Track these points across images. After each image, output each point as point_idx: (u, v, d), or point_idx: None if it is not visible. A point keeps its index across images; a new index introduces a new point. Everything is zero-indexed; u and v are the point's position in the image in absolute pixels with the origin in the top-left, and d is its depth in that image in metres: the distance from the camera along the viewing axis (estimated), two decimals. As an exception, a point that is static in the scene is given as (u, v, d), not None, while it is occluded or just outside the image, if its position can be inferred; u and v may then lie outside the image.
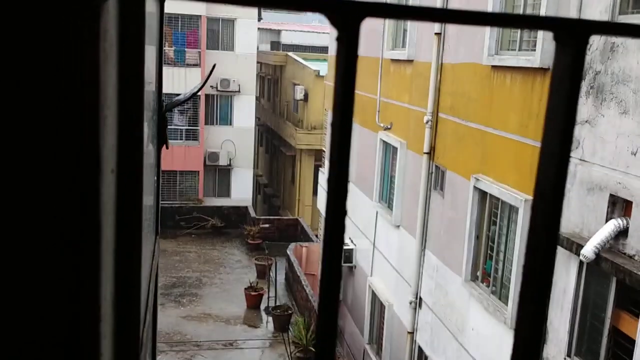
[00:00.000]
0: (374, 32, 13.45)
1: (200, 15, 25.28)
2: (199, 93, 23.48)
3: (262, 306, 17.62)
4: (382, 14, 0.50)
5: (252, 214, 24.72)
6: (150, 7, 1.50)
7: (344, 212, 0.51)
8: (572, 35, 0.51)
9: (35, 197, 0.60)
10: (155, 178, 1.89)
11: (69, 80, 0.57)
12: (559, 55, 0.52)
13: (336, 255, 0.51)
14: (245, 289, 17.80)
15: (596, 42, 6.51)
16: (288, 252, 19.31)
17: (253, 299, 17.54)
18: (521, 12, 8.26)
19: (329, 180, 0.51)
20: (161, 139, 1.95)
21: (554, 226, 0.54)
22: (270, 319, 16.81)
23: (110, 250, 0.75)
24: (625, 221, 6.03)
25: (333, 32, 0.50)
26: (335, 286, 0.52)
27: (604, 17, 6.44)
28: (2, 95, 0.56)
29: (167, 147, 2.06)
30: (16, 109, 0.57)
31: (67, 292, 0.62)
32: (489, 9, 8.69)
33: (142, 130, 0.98)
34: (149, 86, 1.49)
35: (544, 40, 7.36)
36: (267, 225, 23.11)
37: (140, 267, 0.97)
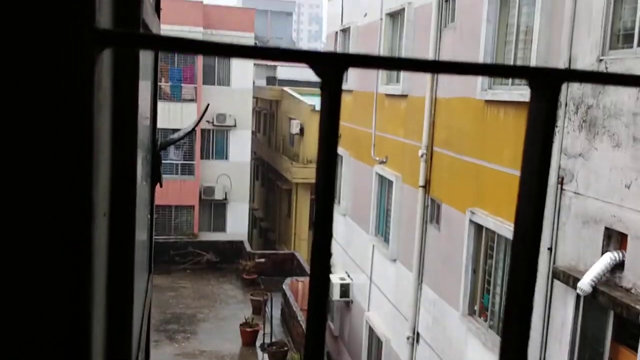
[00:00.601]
0: (368, 68, 13.59)
1: (196, 52, 25.51)
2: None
3: (258, 343, 17.37)
4: (363, 64, 0.52)
5: (248, 248, 24.59)
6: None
7: (329, 252, 0.52)
8: (545, 84, 0.53)
9: (24, 242, 0.61)
10: (149, 216, 1.90)
11: (61, 127, 0.59)
12: (533, 102, 0.54)
13: (323, 285, 0.52)
14: (241, 325, 17.57)
15: (587, 77, 6.59)
16: (284, 287, 19.14)
17: (248, 336, 17.30)
18: (512, 47, 8.39)
19: (316, 216, 0.52)
20: (155, 177, 1.96)
21: (533, 261, 0.56)
22: (266, 356, 16.56)
23: (102, 291, 0.76)
24: (621, 254, 6.04)
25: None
26: (323, 312, 0.53)
27: (595, 52, 6.54)
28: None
29: (160, 186, 2.07)
30: (7, 154, 0.59)
31: (57, 334, 0.63)
32: (481, 48, 8.84)
33: (135, 174, 0.99)
34: (144, 122, 1.52)
35: (536, 75, 7.45)
36: (262, 260, 22.92)
37: (132, 307, 0.98)
